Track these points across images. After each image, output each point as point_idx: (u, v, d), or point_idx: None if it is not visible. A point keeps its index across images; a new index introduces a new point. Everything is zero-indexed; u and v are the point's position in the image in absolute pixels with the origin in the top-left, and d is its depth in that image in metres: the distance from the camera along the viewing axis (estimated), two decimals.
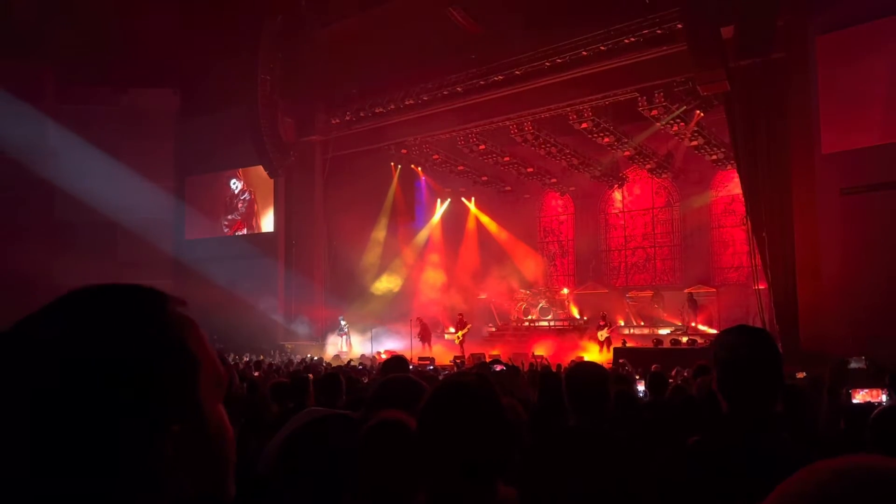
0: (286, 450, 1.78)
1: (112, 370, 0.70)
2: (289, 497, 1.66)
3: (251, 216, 23.89)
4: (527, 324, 21.68)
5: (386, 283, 22.20)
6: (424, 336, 20.11)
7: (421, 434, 1.56)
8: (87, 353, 0.70)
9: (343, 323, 20.67)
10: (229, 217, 24.18)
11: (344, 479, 1.64)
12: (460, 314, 20.26)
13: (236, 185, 24.07)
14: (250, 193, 23.88)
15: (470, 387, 1.60)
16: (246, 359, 16.53)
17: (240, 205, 24.08)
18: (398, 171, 22.49)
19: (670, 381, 7.38)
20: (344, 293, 21.25)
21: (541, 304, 21.79)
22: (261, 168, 21.51)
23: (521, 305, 22.15)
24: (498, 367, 5.58)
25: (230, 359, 15.73)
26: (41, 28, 19.18)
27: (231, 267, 21.24)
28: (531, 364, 13.97)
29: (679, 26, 14.12)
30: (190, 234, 24.34)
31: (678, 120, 16.81)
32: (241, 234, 23.74)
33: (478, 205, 24.50)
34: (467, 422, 1.51)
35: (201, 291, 19.96)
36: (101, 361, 0.70)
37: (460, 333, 19.67)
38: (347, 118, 20.44)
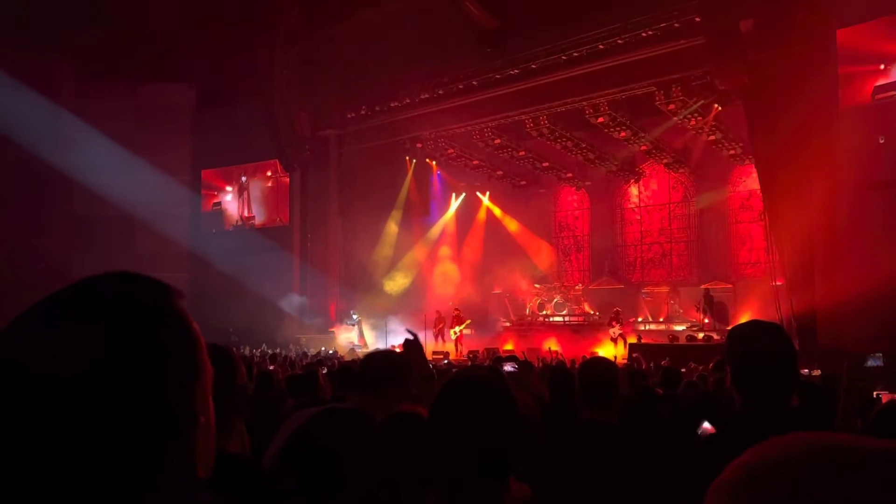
0: (288, 446, 1.78)
1: (147, 370, 0.69)
2: (293, 493, 1.66)
3: (267, 210, 24.02)
4: (541, 319, 21.62)
5: (399, 279, 22.22)
6: (440, 330, 20.12)
7: (433, 428, 1.55)
8: (119, 351, 0.69)
9: (355, 316, 20.70)
10: (246, 210, 24.33)
11: (348, 474, 1.63)
12: (457, 309, 20.21)
13: (253, 178, 24.20)
14: (267, 187, 24.01)
15: (483, 381, 1.58)
16: (258, 351, 16.62)
17: (255, 198, 24.22)
18: (413, 165, 22.47)
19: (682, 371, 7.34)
20: (358, 286, 21.31)
21: (555, 299, 21.70)
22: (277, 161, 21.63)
23: (536, 300, 22.08)
24: (509, 368, 5.41)
25: (246, 352, 15.85)
26: (59, 23, 19.33)
27: (247, 260, 21.35)
28: (544, 360, 13.95)
29: (697, 19, 13.98)
30: (206, 228, 24.50)
31: (696, 114, 16.67)
32: (257, 227, 23.87)
33: (492, 199, 24.42)
34: (480, 416, 1.50)
35: (217, 284, 20.14)
36: (133, 362, 0.69)
37: (458, 328, 19.71)
38: (363, 112, 20.43)
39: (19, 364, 0.67)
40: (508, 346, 18.41)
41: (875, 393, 4.64)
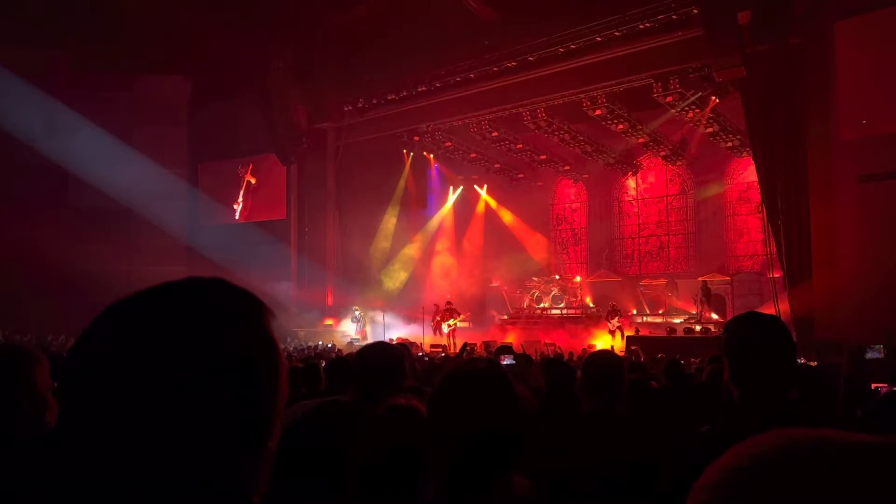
0: (286, 439, 1.77)
1: (241, 390, 0.67)
2: (289, 485, 1.65)
3: (264, 203, 23.95)
4: (539, 311, 21.64)
5: (397, 273, 22.20)
6: (437, 323, 20.09)
7: (433, 421, 1.54)
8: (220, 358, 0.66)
9: (357, 313, 20.67)
10: (242, 203, 24.25)
11: (345, 466, 1.62)
12: (448, 303, 20.14)
13: (250, 171, 24.12)
14: (264, 180, 23.94)
15: (483, 374, 1.57)
16: None
17: (252, 191, 24.15)
18: (410, 158, 22.43)
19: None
20: (355, 279, 21.29)
21: (553, 292, 21.72)
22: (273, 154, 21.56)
23: (534, 293, 22.10)
24: (506, 360, 5.39)
25: None
26: (54, 14, 19.22)
27: (244, 253, 21.30)
28: (542, 353, 13.96)
29: (695, 11, 13.94)
30: (203, 221, 24.43)
31: (693, 106, 16.65)
32: (253, 220, 23.80)
33: (490, 192, 24.42)
34: (480, 409, 1.49)
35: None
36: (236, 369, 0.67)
37: (452, 322, 19.66)
38: (360, 105, 20.37)
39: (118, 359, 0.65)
40: (508, 339, 18.41)
41: (874, 385, 4.63)
